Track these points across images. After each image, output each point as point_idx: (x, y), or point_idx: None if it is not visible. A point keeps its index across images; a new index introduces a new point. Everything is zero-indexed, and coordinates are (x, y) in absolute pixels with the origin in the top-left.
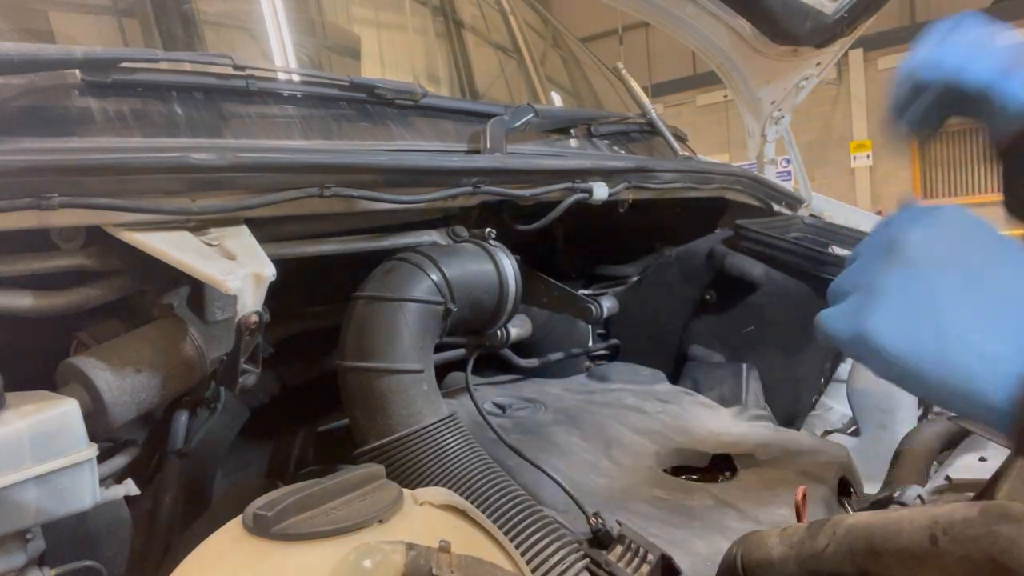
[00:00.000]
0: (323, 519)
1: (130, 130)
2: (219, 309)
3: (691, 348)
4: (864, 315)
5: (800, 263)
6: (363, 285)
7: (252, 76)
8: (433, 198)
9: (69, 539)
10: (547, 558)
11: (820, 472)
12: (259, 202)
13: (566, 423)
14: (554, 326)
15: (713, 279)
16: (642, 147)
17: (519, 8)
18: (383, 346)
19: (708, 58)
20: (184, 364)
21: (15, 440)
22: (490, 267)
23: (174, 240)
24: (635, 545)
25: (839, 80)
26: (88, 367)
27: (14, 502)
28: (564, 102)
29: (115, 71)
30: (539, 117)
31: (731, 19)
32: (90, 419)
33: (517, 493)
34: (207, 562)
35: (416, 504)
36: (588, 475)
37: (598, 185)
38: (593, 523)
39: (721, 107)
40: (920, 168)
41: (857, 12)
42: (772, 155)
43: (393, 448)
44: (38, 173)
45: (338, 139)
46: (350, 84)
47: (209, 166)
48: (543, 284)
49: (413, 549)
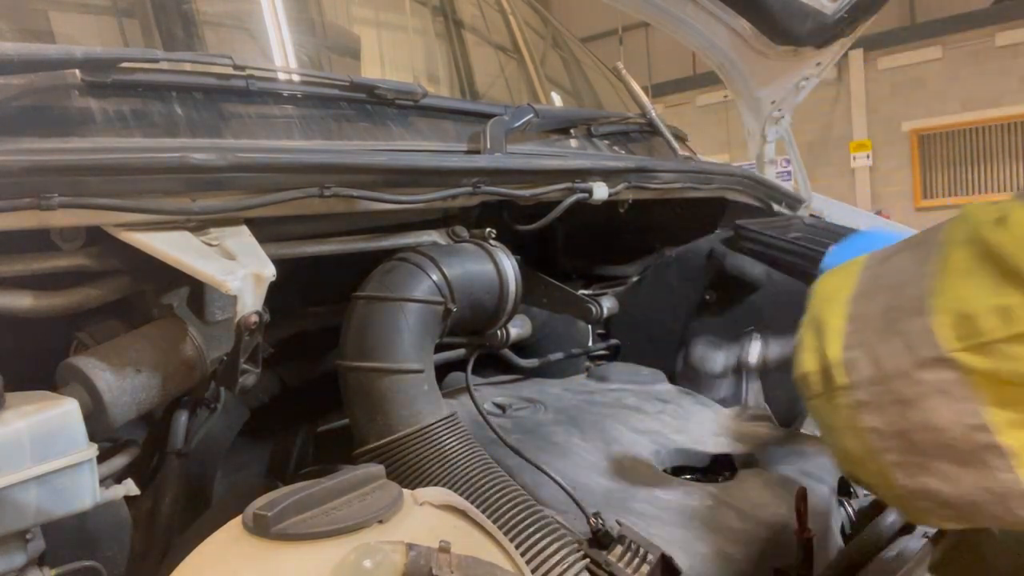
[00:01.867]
0: (323, 519)
1: (130, 130)
2: (219, 309)
3: (691, 348)
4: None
5: (800, 263)
6: (363, 285)
7: (252, 76)
8: (433, 198)
9: (69, 539)
10: (547, 558)
11: (820, 472)
12: (259, 202)
13: (566, 423)
14: (554, 326)
15: (713, 279)
16: (642, 147)
17: (519, 8)
18: (383, 346)
19: (708, 58)
20: (184, 364)
21: (15, 440)
22: (490, 267)
23: (174, 240)
24: (635, 545)
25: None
26: (88, 367)
27: (14, 502)
28: (564, 102)
29: (115, 71)
30: (539, 117)
31: (731, 19)
32: (90, 419)
33: (517, 493)
34: (207, 562)
35: (416, 504)
36: (588, 475)
37: (598, 185)
38: (593, 523)
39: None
40: (920, 168)
41: (857, 12)
42: (772, 155)
43: (393, 448)
44: (38, 173)
45: (338, 139)
46: (350, 84)
47: (209, 166)
48: (543, 284)
49: (413, 549)
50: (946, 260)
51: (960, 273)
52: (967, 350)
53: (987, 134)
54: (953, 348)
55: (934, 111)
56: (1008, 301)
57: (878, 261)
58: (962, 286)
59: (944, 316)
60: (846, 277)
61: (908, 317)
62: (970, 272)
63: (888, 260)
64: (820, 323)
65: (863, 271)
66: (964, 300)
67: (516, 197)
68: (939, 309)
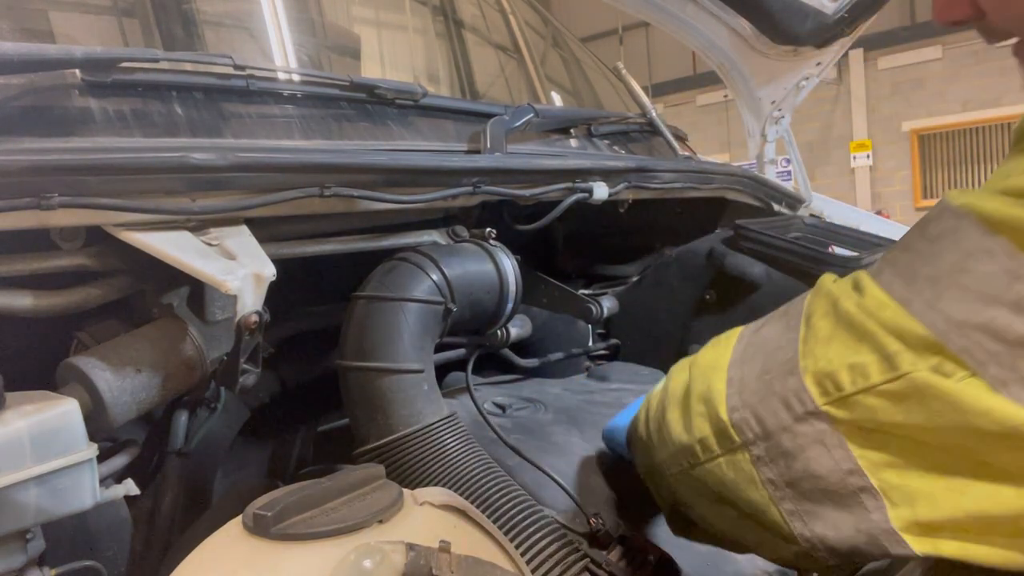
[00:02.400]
0: (323, 519)
1: (130, 130)
2: (219, 309)
3: (691, 348)
4: None
5: (800, 263)
6: (363, 285)
7: (252, 76)
8: (433, 198)
9: (69, 539)
10: (547, 558)
11: None
12: (259, 202)
13: (566, 423)
14: (554, 326)
15: (713, 279)
16: (642, 147)
17: (519, 8)
18: (383, 346)
19: (708, 58)
20: (184, 364)
21: (15, 440)
22: (490, 267)
23: (174, 240)
24: (635, 545)
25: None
26: (88, 367)
27: (14, 502)
28: (564, 102)
29: (115, 71)
30: (539, 117)
31: (731, 19)
32: (90, 419)
33: (517, 493)
34: (207, 562)
35: (416, 504)
36: (588, 475)
37: (598, 185)
38: (593, 523)
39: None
40: (920, 168)
41: (857, 12)
42: (772, 155)
43: (393, 448)
44: (38, 173)
45: (338, 139)
46: (350, 84)
47: (209, 166)
48: (543, 284)
49: (413, 549)
50: (811, 329)
51: (822, 340)
52: (832, 404)
53: (987, 134)
54: (822, 403)
55: (934, 111)
56: (861, 359)
57: (751, 332)
58: (824, 349)
59: (812, 376)
60: (723, 349)
61: (783, 378)
62: (830, 338)
63: (759, 331)
64: (707, 391)
65: (737, 343)
66: (827, 361)
67: (516, 197)
68: (807, 370)
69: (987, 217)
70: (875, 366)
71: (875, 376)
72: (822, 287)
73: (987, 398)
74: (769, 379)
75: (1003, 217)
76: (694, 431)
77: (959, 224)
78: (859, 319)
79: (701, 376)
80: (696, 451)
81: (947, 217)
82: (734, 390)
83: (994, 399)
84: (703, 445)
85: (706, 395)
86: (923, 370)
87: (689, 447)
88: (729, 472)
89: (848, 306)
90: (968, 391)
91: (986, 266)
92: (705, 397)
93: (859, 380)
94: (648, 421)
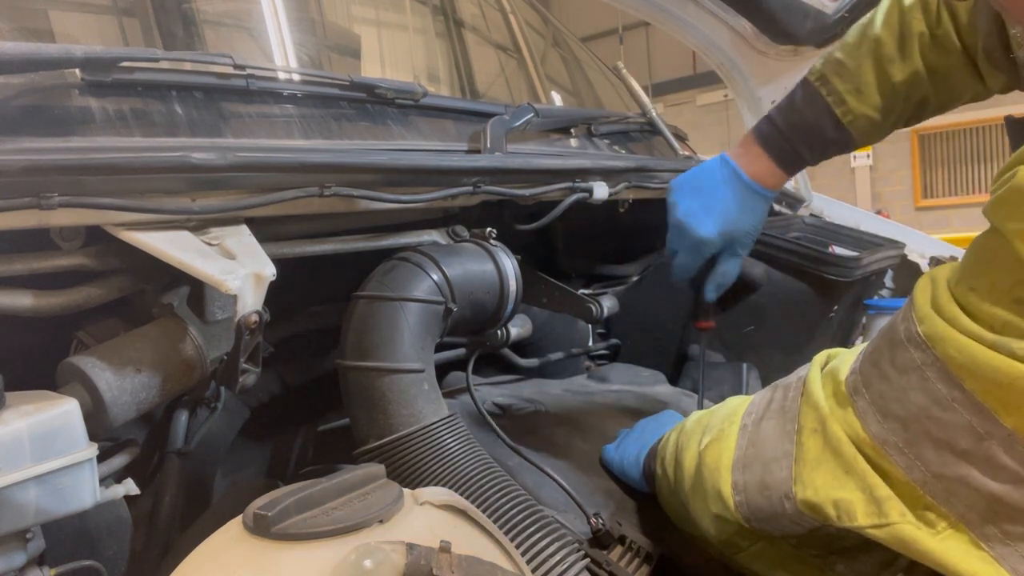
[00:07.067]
0: (323, 519)
1: (130, 130)
2: (219, 309)
3: (691, 348)
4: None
5: (800, 263)
6: (363, 284)
7: (252, 76)
8: (433, 198)
9: (69, 539)
10: (547, 558)
11: None
12: (259, 202)
13: (566, 424)
14: (554, 326)
15: None
16: (642, 147)
17: (519, 8)
18: (384, 345)
19: (708, 58)
20: (184, 364)
21: (15, 440)
22: (490, 267)
23: (174, 240)
24: (635, 545)
25: None
26: (88, 367)
27: (14, 502)
28: (564, 102)
29: (115, 70)
30: (539, 117)
31: (731, 19)
32: (90, 419)
33: (517, 493)
34: (207, 562)
35: (416, 504)
36: (588, 475)
37: (598, 185)
38: (593, 523)
39: (721, 107)
40: (920, 168)
41: (857, 12)
42: None
43: (393, 448)
44: (38, 173)
45: (338, 139)
46: (350, 83)
47: (209, 166)
48: (543, 284)
49: (413, 549)
50: (802, 448)
51: (811, 463)
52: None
53: (987, 134)
54: (817, 524)
55: None
56: (846, 496)
57: (752, 423)
58: (812, 475)
59: (803, 503)
60: (725, 446)
61: (781, 502)
62: (819, 461)
63: (759, 426)
64: (717, 494)
65: (740, 436)
66: (814, 490)
67: (516, 197)
68: (798, 496)
69: (951, 358)
70: (861, 507)
71: (861, 518)
72: (811, 393)
73: (970, 559)
74: (769, 495)
75: (965, 362)
76: (721, 532)
77: (925, 360)
78: (845, 449)
79: (709, 475)
80: (728, 546)
81: (913, 348)
82: (741, 499)
83: (976, 560)
84: (731, 544)
85: (717, 496)
86: (909, 523)
87: (724, 542)
88: (766, 556)
89: (835, 429)
90: (952, 548)
91: (953, 417)
92: (717, 497)
93: (844, 518)
94: (669, 488)
